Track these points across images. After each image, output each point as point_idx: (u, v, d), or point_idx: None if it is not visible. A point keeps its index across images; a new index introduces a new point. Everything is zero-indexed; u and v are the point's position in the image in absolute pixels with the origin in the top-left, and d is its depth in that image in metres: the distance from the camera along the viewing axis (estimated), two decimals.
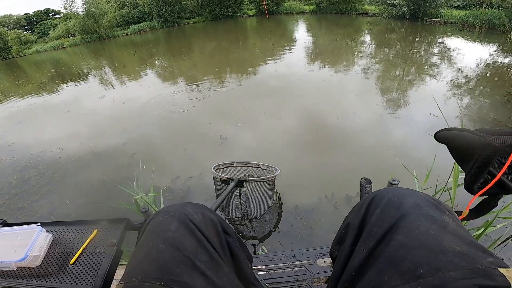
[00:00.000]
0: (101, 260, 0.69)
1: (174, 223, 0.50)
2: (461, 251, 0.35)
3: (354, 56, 6.42)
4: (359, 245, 0.46)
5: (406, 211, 0.42)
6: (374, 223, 0.45)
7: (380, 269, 0.39)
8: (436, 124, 2.97)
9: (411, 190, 0.48)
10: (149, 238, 0.49)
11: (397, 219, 0.42)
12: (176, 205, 0.56)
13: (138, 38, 20.33)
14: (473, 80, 4.08)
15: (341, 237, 0.57)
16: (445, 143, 0.52)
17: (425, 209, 0.42)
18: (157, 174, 2.72)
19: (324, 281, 1.04)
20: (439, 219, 0.40)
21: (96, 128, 4.35)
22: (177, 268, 0.43)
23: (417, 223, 0.40)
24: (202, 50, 10.70)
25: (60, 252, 0.74)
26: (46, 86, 8.52)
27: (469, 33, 7.60)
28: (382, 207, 0.46)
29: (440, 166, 1.75)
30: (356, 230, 0.49)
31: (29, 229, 0.77)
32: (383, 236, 0.42)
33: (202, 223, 0.53)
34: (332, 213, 1.99)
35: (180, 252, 0.45)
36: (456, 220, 0.43)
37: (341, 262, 0.50)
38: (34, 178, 3.08)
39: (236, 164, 1.95)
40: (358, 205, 0.54)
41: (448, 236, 0.37)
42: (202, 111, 4.27)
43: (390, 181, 0.85)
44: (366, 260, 0.42)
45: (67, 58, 16.39)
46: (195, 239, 0.49)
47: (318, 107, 3.83)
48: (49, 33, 28.94)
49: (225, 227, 0.60)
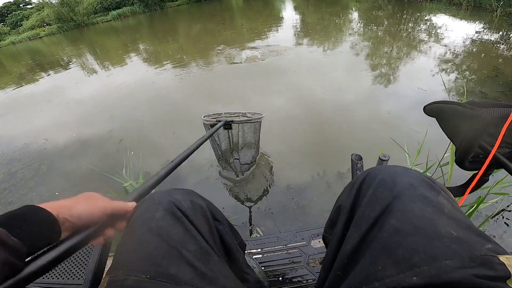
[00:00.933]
0: (90, 253, 0.68)
1: (160, 211, 0.47)
2: (458, 236, 0.33)
3: (342, 34, 6.34)
4: (351, 229, 0.43)
5: (399, 192, 0.39)
6: (366, 205, 0.42)
7: (373, 257, 0.36)
8: (424, 98, 2.98)
9: (404, 168, 0.45)
10: (133, 228, 0.46)
11: (390, 201, 0.39)
12: (163, 192, 0.53)
13: (119, 24, 19.44)
14: (460, 56, 4.08)
15: (333, 220, 0.54)
16: (434, 117, 0.51)
17: (419, 189, 0.39)
18: (147, 159, 2.67)
19: (320, 262, 1.04)
20: (434, 201, 0.38)
21: (80, 116, 4.21)
22: (163, 259, 0.40)
23: (411, 205, 0.37)
24: (188, 33, 10.34)
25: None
26: (26, 77, 8.14)
27: (455, 11, 7.56)
28: (374, 187, 0.43)
29: (432, 141, 1.73)
30: (347, 213, 0.46)
31: None
32: (376, 220, 0.39)
33: (190, 210, 0.50)
34: (325, 191, 1.99)
35: (166, 243, 0.42)
36: (452, 201, 0.40)
37: (333, 248, 0.47)
38: (21, 171, 2.98)
39: (224, 115, 2.06)
40: (349, 185, 0.51)
41: (444, 219, 0.35)
42: (190, 94, 4.17)
43: (381, 157, 0.84)
44: (359, 246, 0.40)
45: (44, 48, 15.62)
46: (183, 227, 0.46)
47: (307, 84, 3.79)
48: (22, 24, 27.42)
49: (215, 213, 0.58)
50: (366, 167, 0.84)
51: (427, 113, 0.52)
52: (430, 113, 0.51)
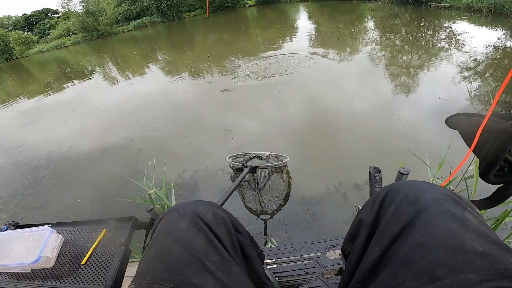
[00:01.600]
0: (111, 259, 0.70)
1: (184, 222, 0.49)
2: (483, 251, 0.32)
3: (357, 42, 6.29)
4: (373, 243, 0.43)
5: (423, 207, 0.39)
6: (389, 220, 0.42)
7: (394, 270, 0.36)
8: (445, 108, 2.90)
9: (429, 183, 0.44)
10: (158, 238, 0.48)
11: (414, 216, 0.39)
12: (186, 203, 0.55)
13: (139, 34, 20.23)
14: (482, 63, 3.96)
15: (353, 234, 0.54)
16: (456, 129, 0.50)
17: (444, 205, 0.38)
18: (166, 168, 2.74)
19: (335, 273, 1.03)
20: (460, 216, 0.37)
21: (102, 125, 4.39)
22: (186, 269, 0.42)
23: (435, 220, 0.37)
24: (204, 42, 10.60)
25: (71, 253, 0.75)
26: (52, 86, 8.59)
27: (475, 18, 7.35)
28: (397, 202, 0.42)
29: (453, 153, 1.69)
30: (369, 227, 0.46)
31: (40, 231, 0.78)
32: (398, 234, 0.39)
33: (213, 221, 0.52)
34: (341, 202, 1.97)
35: (190, 253, 0.44)
36: (478, 216, 0.39)
37: (353, 261, 0.47)
38: (46, 178, 3.14)
39: (248, 155, 2.17)
40: (371, 200, 0.51)
41: (469, 234, 0.34)
42: (207, 103, 4.25)
43: (400, 171, 0.81)
44: (380, 260, 0.39)
45: (70, 57, 16.45)
46: (205, 238, 0.48)
47: (324, 93, 3.78)
48: (50, 33, 28.98)
49: (236, 225, 0.59)
50: (384, 180, 0.82)
51: (449, 126, 0.50)
52: (452, 125, 0.50)
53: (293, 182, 2.28)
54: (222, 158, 2.72)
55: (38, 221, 2.46)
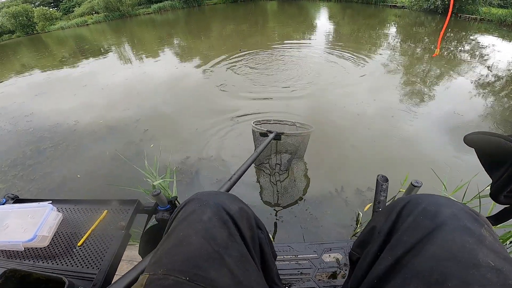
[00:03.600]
0: (109, 243, 0.68)
1: (207, 213, 0.48)
2: (495, 266, 0.33)
3: (376, 48, 6.10)
4: (386, 252, 0.43)
5: (442, 221, 0.39)
6: (405, 230, 0.42)
7: (405, 279, 0.37)
8: (459, 123, 2.82)
9: (448, 199, 0.45)
10: (179, 227, 0.47)
11: (432, 229, 0.39)
12: (210, 194, 0.54)
13: (158, 17, 20.35)
14: (503, 79, 3.79)
15: (364, 240, 0.54)
16: (474, 147, 0.50)
17: (463, 221, 0.39)
18: (168, 152, 2.73)
19: (327, 277, 1.03)
20: (476, 233, 0.37)
21: (111, 103, 4.43)
22: (205, 262, 0.41)
23: (452, 235, 0.37)
24: (221, 32, 10.53)
25: (68, 233, 0.73)
26: (67, 61, 8.74)
27: (505, 32, 7.04)
28: (415, 215, 0.43)
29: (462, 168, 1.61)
30: (384, 236, 0.46)
31: (40, 207, 0.76)
32: (414, 245, 0.39)
33: (237, 214, 0.51)
34: (341, 205, 1.95)
35: (210, 245, 0.43)
36: (493, 233, 0.40)
37: (363, 267, 0.47)
38: (49, 150, 3.18)
39: (272, 121, 2.17)
40: (387, 209, 0.50)
41: (484, 250, 0.35)
42: (216, 93, 4.20)
43: (413, 183, 0.80)
44: (392, 268, 0.40)
45: (89, 35, 16.68)
46: (227, 231, 0.47)
47: (334, 98, 3.69)
48: (74, 10, 29.38)
49: (258, 221, 0.59)
50: (391, 189, 0.84)
51: (467, 143, 0.50)
52: (471, 143, 0.49)
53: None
54: (223, 145, 2.69)
55: (35, 194, 2.49)
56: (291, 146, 2.05)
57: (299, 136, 1.96)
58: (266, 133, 1.80)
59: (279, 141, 1.93)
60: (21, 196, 0.90)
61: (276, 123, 2.18)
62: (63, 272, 0.63)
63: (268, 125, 2.15)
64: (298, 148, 2.06)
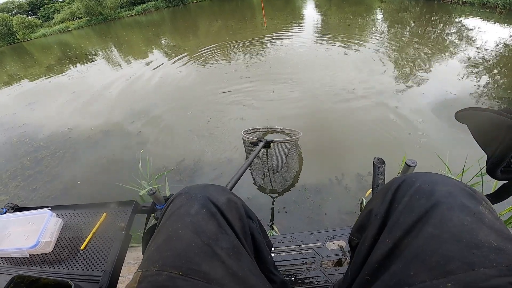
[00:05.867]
0: (111, 245, 0.69)
1: (195, 206, 0.48)
2: (498, 246, 0.32)
3: (365, 34, 6.14)
4: (384, 235, 0.42)
5: (438, 200, 0.38)
6: (401, 212, 0.41)
7: (406, 263, 0.35)
8: (451, 102, 2.87)
9: (443, 176, 0.43)
10: (168, 223, 0.47)
11: (428, 209, 0.38)
12: (198, 187, 0.54)
13: (143, 19, 19.97)
14: (491, 60, 3.86)
15: (362, 224, 0.53)
16: (466, 123, 0.49)
17: (459, 199, 0.38)
18: (163, 152, 2.73)
19: (333, 264, 1.03)
20: (474, 210, 0.36)
21: (103, 107, 4.37)
22: (196, 256, 0.41)
23: (450, 213, 0.36)
24: (209, 29, 10.42)
25: (71, 237, 0.74)
26: (54, 68, 8.54)
27: (488, 14, 7.12)
28: (410, 194, 0.42)
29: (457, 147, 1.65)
30: (380, 218, 0.45)
31: (39, 214, 0.76)
32: (411, 227, 0.38)
33: (224, 205, 0.51)
34: (342, 191, 1.96)
35: (200, 239, 0.43)
36: (492, 211, 0.38)
37: (362, 252, 0.46)
38: (46, 159, 3.14)
39: (261, 129, 2.26)
40: (382, 190, 0.49)
41: (484, 229, 0.34)
42: (209, 91, 4.18)
43: (407, 163, 0.79)
44: (391, 252, 0.39)
45: (73, 41, 16.32)
46: (217, 223, 0.47)
47: (327, 84, 3.71)
48: (54, 17, 28.67)
49: (248, 211, 0.58)
50: (388, 172, 0.83)
51: (458, 120, 0.50)
52: (461, 119, 0.50)
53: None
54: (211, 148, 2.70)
55: (39, 203, 2.47)
56: (282, 153, 2.11)
57: (288, 142, 2.04)
58: (256, 141, 1.87)
59: (269, 149, 1.99)
60: (25, 205, 0.90)
61: (265, 131, 2.27)
62: (69, 276, 0.64)
63: (257, 133, 2.26)
64: (288, 153, 2.13)
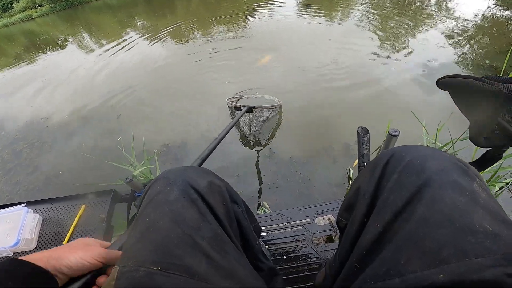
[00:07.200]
0: (93, 237, 0.66)
1: (174, 193, 0.43)
2: (493, 231, 0.29)
3: (347, 7, 5.99)
4: (373, 217, 0.38)
5: (429, 177, 0.35)
6: (391, 191, 0.37)
7: (397, 249, 0.32)
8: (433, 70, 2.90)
9: (434, 149, 0.40)
10: (145, 212, 0.42)
11: (419, 188, 0.34)
12: (177, 170, 0.49)
13: (114, 1, 18.68)
14: (470, 30, 3.86)
15: (350, 203, 0.49)
16: (448, 90, 0.48)
17: (451, 175, 0.34)
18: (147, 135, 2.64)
19: (324, 240, 1.01)
20: (468, 189, 0.33)
21: (79, 93, 4.15)
22: (176, 248, 0.37)
23: (442, 193, 0.33)
24: (187, 7, 9.88)
25: (52, 232, 0.72)
26: (23, 57, 7.95)
27: None
28: (400, 170, 0.38)
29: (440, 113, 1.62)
30: (369, 198, 0.41)
31: (15, 211, 0.72)
32: (402, 208, 0.34)
33: (206, 190, 0.46)
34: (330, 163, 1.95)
35: (180, 229, 0.39)
36: (486, 188, 0.35)
37: (350, 236, 0.43)
38: (25, 151, 2.96)
39: (245, 96, 2.57)
40: (370, 165, 0.45)
41: (478, 211, 0.31)
42: (190, 70, 4.01)
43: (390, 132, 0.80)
44: (381, 237, 0.35)
45: (38, 29, 15.15)
46: (198, 211, 0.42)
47: (310, 55, 3.65)
48: (13, 6, 26.45)
49: (233, 195, 0.54)
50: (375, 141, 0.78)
51: (440, 87, 0.48)
52: (443, 87, 0.48)
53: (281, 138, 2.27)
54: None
55: (23, 196, 2.34)
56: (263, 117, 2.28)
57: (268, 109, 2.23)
58: (239, 107, 1.97)
59: (251, 114, 2.13)
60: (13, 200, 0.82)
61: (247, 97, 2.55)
62: None
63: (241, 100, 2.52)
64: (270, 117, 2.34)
